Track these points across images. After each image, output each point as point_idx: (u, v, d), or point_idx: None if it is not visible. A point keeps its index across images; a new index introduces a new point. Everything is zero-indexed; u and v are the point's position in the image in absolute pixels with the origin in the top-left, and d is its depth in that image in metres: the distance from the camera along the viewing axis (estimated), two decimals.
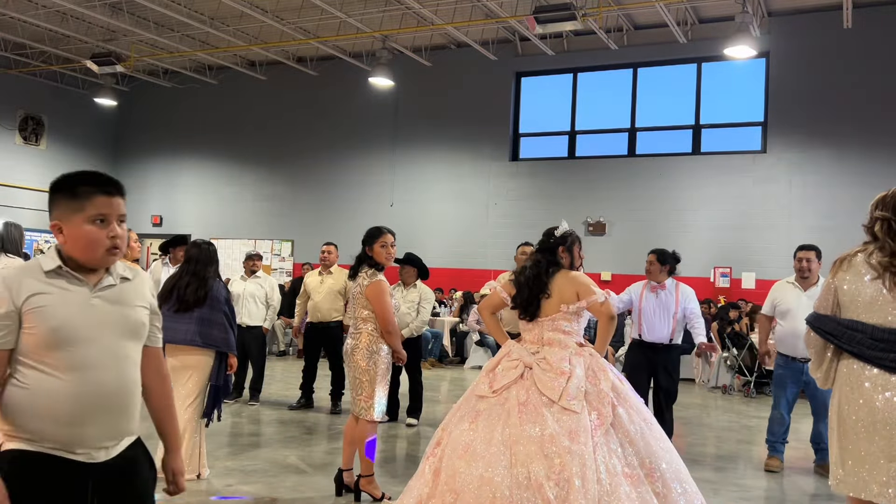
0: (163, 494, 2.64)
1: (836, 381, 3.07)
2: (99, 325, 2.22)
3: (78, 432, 2.17)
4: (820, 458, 6.45)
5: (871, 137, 13.16)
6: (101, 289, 2.25)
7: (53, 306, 2.16)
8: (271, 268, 17.98)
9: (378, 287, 4.92)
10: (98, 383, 2.19)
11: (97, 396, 2.19)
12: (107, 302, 2.25)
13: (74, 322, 2.17)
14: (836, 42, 13.44)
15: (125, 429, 2.30)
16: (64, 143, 19.54)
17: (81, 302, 2.21)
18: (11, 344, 2.17)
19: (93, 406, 2.18)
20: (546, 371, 3.97)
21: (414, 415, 7.80)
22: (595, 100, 15.78)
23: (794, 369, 6.36)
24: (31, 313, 2.15)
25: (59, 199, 2.24)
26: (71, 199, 2.22)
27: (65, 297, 2.19)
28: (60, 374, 2.15)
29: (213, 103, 19.06)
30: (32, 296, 2.16)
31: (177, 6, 14.50)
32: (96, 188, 2.23)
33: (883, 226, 3.01)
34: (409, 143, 16.91)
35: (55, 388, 2.14)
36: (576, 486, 3.52)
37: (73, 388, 2.15)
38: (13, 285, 2.17)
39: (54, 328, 2.14)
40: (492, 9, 13.72)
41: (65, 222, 2.22)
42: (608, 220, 15.00)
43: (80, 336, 2.17)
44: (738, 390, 11.39)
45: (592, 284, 4.27)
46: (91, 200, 2.21)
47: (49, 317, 2.15)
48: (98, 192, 2.22)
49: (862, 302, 2.97)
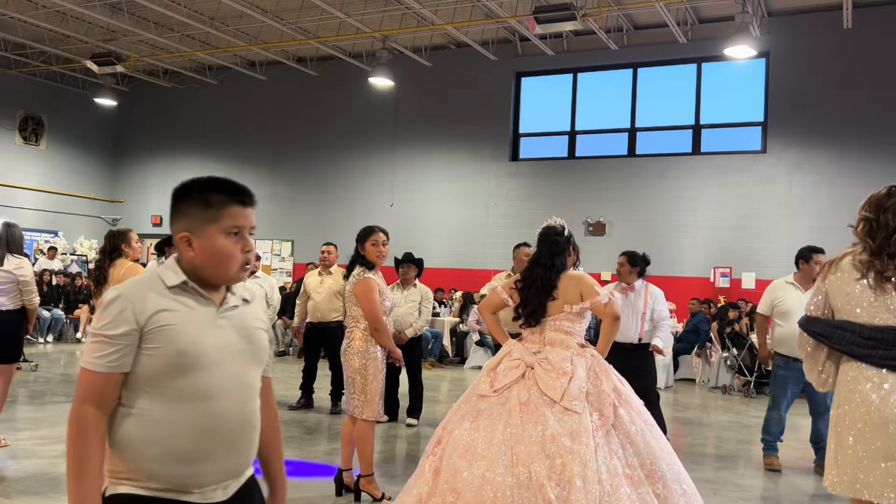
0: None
1: (837, 382, 3.08)
2: (225, 350, 1.98)
3: (196, 471, 1.93)
4: (820, 457, 6.44)
5: (870, 137, 13.16)
6: (226, 309, 2.03)
7: (181, 326, 1.92)
8: (271, 268, 17.98)
9: (365, 285, 4.92)
10: (221, 415, 1.95)
11: (220, 430, 1.95)
12: (231, 324, 2.02)
13: (202, 345, 1.93)
14: (836, 42, 13.44)
15: (245, 465, 2.07)
16: (64, 143, 19.54)
17: (208, 323, 1.97)
18: (127, 367, 1.90)
19: (215, 440, 1.94)
20: (548, 371, 3.96)
21: (414, 415, 7.79)
22: (595, 100, 15.78)
23: (796, 370, 6.35)
24: (155, 333, 1.89)
25: (188, 208, 2.00)
26: (204, 208, 1.98)
27: (191, 316, 1.95)
28: (181, 404, 1.90)
29: (213, 103, 19.06)
30: (158, 313, 1.91)
31: (177, 6, 14.50)
32: (231, 197, 2.01)
33: (865, 226, 3.06)
34: (409, 143, 16.90)
35: (174, 419, 1.90)
36: (577, 486, 3.52)
37: (194, 420, 1.91)
38: (136, 300, 1.91)
39: (181, 351, 1.90)
40: (492, 9, 13.72)
41: (196, 234, 1.98)
42: (608, 220, 15.00)
43: (206, 361, 1.93)
44: (738, 390, 11.38)
45: (596, 285, 4.25)
46: (226, 211, 1.99)
47: (176, 338, 1.90)
48: (233, 202, 2.01)
49: (852, 302, 3.01)
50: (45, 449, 6.08)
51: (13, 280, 5.96)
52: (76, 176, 19.74)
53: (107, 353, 1.88)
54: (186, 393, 1.91)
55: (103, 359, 1.88)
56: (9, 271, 5.94)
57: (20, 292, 6.03)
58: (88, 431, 1.92)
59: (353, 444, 5.08)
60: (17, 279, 5.98)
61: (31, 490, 5.02)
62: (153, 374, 1.90)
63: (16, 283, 5.98)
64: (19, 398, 8.26)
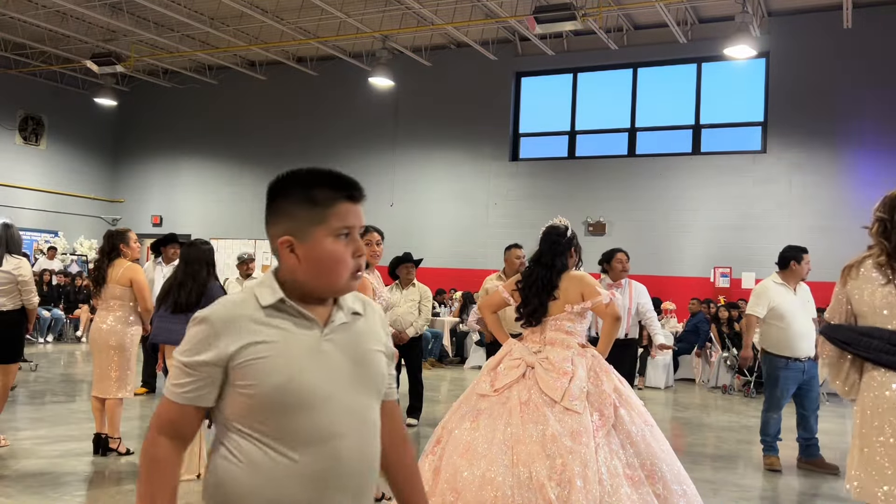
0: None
1: (861, 389, 2.97)
2: (333, 379, 1.67)
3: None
4: (808, 453, 6.47)
5: (870, 137, 13.16)
6: (332, 329, 1.72)
7: (277, 357, 1.62)
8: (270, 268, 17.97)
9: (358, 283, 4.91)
10: (336, 459, 1.65)
11: (335, 477, 1.65)
12: (339, 347, 1.71)
13: (304, 378, 1.63)
14: (836, 42, 13.44)
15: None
16: (64, 143, 19.54)
17: (311, 348, 1.67)
18: (208, 401, 1.66)
19: (329, 490, 1.65)
20: (548, 371, 3.96)
21: (414, 415, 7.79)
22: (595, 100, 15.77)
23: (797, 370, 6.36)
24: (247, 367, 1.62)
25: (290, 207, 1.71)
26: (310, 206, 1.68)
27: (290, 342, 1.65)
28: (287, 448, 1.62)
29: (213, 103, 19.06)
30: (249, 346, 1.62)
31: (177, 6, 14.50)
32: (339, 192, 1.71)
33: (879, 227, 2.96)
34: (409, 143, 16.90)
35: (280, 466, 1.62)
36: (577, 486, 3.52)
37: (304, 467, 1.62)
38: (224, 327, 1.64)
39: (279, 387, 1.61)
40: (492, 9, 13.72)
41: (301, 238, 1.68)
42: (608, 220, 15.00)
43: (312, 397, 1.63)
44: (738, 390, 11.38)
45: (597, 285, 4.25)
46: (335, 209, 1.69)
47: (271, 372, 1.61)
48: (341, 198, 1.71)
49: (877, 307, 2.89)
50: (45, 449, 6.08)
51: (12, 280, 5.97)
52: (76, 176, 19.74)
53: (183, 383, 1.65)
54: (292, 435, 1.62)
55: (179, 388, 1.66)
56: (8, 272, 5.95)
57: (19, 292, 6.04)
58: (161, 466, 1.68)
59: None
60: (17, 279, 5.98)
61: (31, 490, 5.02)
62: (251, 414, 1.63)
63: (15, 283, 5.98)
64: (19, 398, 8.26)
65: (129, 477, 5.42)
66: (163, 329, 5.38)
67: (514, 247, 7.12)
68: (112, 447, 5.90)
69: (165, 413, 1.68)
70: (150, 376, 8.81)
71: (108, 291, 5.86)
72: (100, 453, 5.86)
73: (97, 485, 5.26)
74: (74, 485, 5.19)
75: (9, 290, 5.98)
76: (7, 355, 6.06)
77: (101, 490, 5.16)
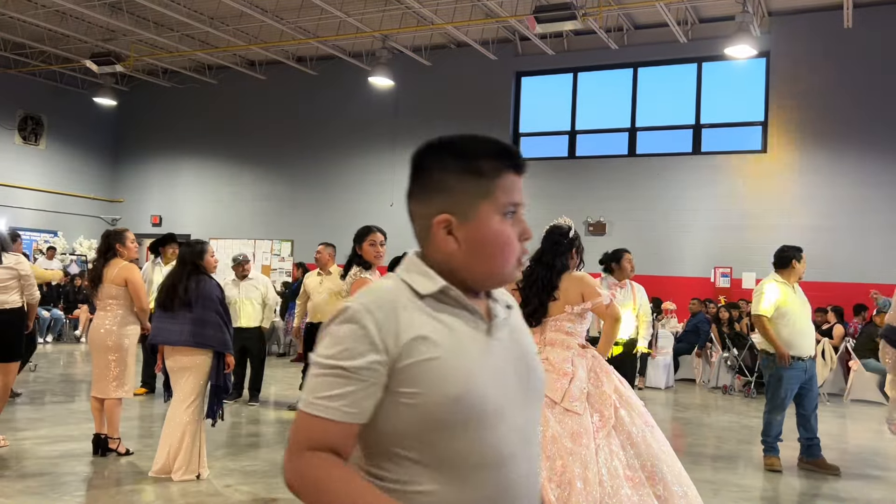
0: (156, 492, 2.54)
1: None
2: (503, 389, 1.36)
3: None
4: (809, 453, 6.46)
5: (871, 137, 13.15)
6: (497, 326, 1.42)
7: (450, 360, 1.31)
8: (271, 268, 17.97)
9: (361, 284, 4.91)
10: (504, 488, 1.34)
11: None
12: (505, 348, 1.41)
13: (479, 386, 1.32)
14: (837, 42, 13.43)
15: None
16: (63, 142, 19.52)
17: (481, 350, 1.36)
18: (366, 416, 1.31)
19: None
20: (548, 372, 3.95)
21: None
22: (595, 99, 15.76)
23: (800, 369, 6.35)
24: (414, 370, 1.29)
25: (449, 179, 1.40)
26: (475, 178, 1.38)
27: (460, 341, 1.34)
28: (456, 475, 1.31)
29: (212, 103, 19.04)
30: (419, 341, 1.31)
31: (176, 6, 14.48)
32: (504, 162, 1.41)
33: None
34: (409, 142, 16.87)
35: (448, 496, 1.31)
36: (577, 487, 3.51)
37: (475, 497, 1.32)
38: (384, 316, 1.31)
39: (453, 398, 1.29)
40: (492, 8, 13.71)
41: (462, 216, 1.38)
42: (608, 220, 14.99)
43: (488, 409, 1.32)
44: (739, 390, 11.37)
45: (598, 286, 4.25)
46: (500, 181, 1.39)
47: (444, 378, 1.30)
48: (508, 169, 1.41)
49: None
50: (44, 449, 6.07)
51: (15, 276, 6.06)
52: (75, 176, 19.72)
53: (342, 394, 1.29)
54: (458, 460, 1.31)
55: (336, 400, 1.29)
56: (10, 267, 6.05)
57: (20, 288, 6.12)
58: (335, 476, 1.29)
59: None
60: (20, 274, 6.07)
61: (31, 490, 5.01)
62: (414, 432, 1.30)
63: (17, 278, 6.09)
64: (19, 398, 8.25)
65: (129, 477, 5.41)
66: (160, 329, 5.38)
67: None
68: (111, 447, 5.89)
69: (317, 434, 1.30)
70: (149, 377, 8.80)
71: (105, 291, 5.88)
72: (99, 453, 5.85)
73: (97, 485, 5.26)
74: (74, 485, 5.19)
75: (11, 286, 6.04)
76: (7, 354, 6.07)
77: (101, 490, 5.15)
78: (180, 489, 5.12)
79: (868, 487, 6.07)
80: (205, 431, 5.49)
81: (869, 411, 9.96)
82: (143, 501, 4.90)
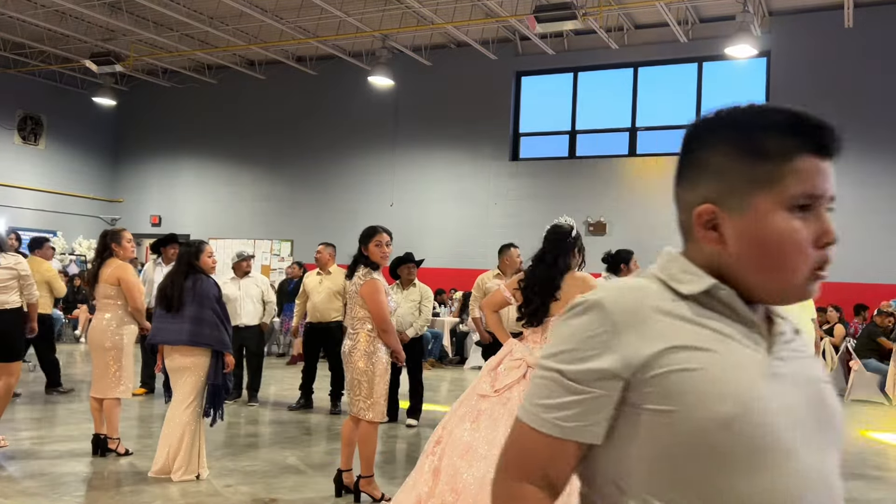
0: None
1: None
2: (794, 421, 1.05)
3: None
4: None
5: (871, 137, 13.13)
6: (782, 346, 1.13)
7: (719, 372, 1.03)
8: (270, 267, 17.96)
9: (372, 286, 4.88)
10: None
11: None
12: (792, 375, 1.10)
13: (762, 409, 1.02)
14: (837, 42, 13.43)
15: None
16: (63, 142, 19.51)
17: (762, 370, 1.06)
18: (597, 436, 1.07)
19: None
20: None
21: (414, 415, 7.77)
22: (595, 99, 15.76)
23: None
24: (668, 381, 1.03)
25: (718, 160, 1.11)
26: (751, 159, 1.09)
27: (735, 353, 1.06)
28: None
29: (212, 103, 19.04)
30: (674, 349, 1.04)
31: (176, 6, 14.48)
32: (803, 139, 1.12)
33: None
34: (409, 143, 16.88)
35: None
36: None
37: None
38: (629, 321, 1.06)
39: (725, 419, 1.00)
40: (492, 8, 13.70)
41: (730, 207, 1.10)
42: (608, 219, 14.98)
43: (771, 444, 1.02)
44: None
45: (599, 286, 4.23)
46: (794, 165, 1.09)
47: (711, 391, 1.02)
48: (807, 149, 1.11)
49: None
50: (45, 449, 6.07)
51: (15, 276, 6.07)
52: (75, 176, 19.71)
53: (563, 404, 1.06)
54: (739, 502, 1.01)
55: (553, 411, 1.07)
56: (9, 267, 6.05)
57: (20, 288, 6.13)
58: None
59: (353, 445, 5.06)
60: (20, 274, 6.08)
61: (31, 490, 5.00)
62: (659, 463, 1.03)
63: (17, 277, 6.10)
64: (19, 398, 8.24)
65: (128, 478, 5.40)
66: (160, 329, 5.38)
67: (512, 246, 7.11)
68: (111, 447, 5.89)
69: (530, 450, 1.10)
70: (149, 377, 8.79)
71: (100, 291, 5.89)
72: (98, 454, 5.84)
73: (96, 485, 5.25)
74: (74, 485, 5.18)
75: (10, 286, 6.05)
76: (8, 354, 6.07)
77: (101, 491, 5.14)
78: (180, 489, 5.11)
79: (868, 487, 6.06)
80: (204, 431, 5.48)
81: (869, 411, 9.95)
82: (143, 502, 4.89)
